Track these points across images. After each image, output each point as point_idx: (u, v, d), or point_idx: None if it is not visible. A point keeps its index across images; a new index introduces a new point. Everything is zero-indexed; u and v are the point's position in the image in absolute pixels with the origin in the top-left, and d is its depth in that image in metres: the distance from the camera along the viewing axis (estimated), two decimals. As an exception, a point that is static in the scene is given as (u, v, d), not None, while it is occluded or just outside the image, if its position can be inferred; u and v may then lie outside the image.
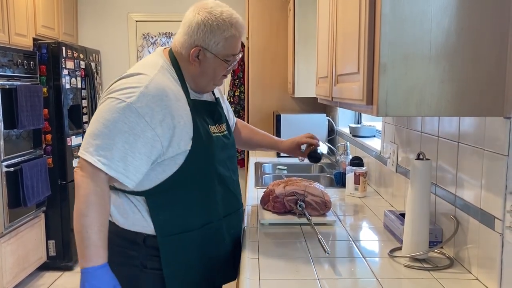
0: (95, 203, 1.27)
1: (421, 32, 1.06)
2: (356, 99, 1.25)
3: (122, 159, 1.27)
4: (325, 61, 1.81)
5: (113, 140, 1.27)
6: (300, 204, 1.74)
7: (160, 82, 1.34)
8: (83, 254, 1.26)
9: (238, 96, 4.50)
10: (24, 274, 3.41)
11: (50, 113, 3.65)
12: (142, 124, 1.28)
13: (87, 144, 1.29)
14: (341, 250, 1.49)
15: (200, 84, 1.47)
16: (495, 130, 1.15)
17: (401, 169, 1.88)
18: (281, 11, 3.87)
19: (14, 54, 3.26)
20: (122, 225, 1.41)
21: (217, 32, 1.38)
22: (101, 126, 1.28)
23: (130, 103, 1.28)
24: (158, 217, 1.39)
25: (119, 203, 1.42)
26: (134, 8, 4.71)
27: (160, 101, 1.31)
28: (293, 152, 1.92)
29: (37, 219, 3.58)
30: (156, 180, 1.37)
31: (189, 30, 1.39)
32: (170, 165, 1.37)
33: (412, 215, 1.35)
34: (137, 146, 1.28)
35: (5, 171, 3.10)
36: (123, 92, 1.31)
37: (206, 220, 1.45)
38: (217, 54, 1.41)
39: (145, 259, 1.41)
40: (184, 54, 1.42)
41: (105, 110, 1.30)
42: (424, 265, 1.34)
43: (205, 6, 1.40)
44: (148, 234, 1.39)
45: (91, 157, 1.26)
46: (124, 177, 1.29)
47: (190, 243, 1.43)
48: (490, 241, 1.18)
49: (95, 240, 1.26)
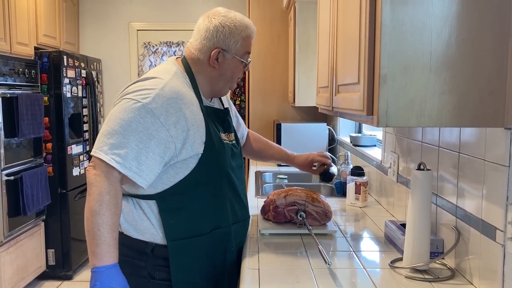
0: (108, 201, 1.28)
1: (421, 43, 1.06)
2: (357, 110, 1.25)
3: (136, 158, 1.29)
4: (326, 71, 1.81)
5: (127, 139, 1.29)
6: (300, 214, 1.73)
7: (175, 86, 1.38)
8: (95, 252, 1.26)
9: (238, 105, 4.51)
10: (23, 283, 3.39)
11: (50, 121, 3.66)
12: (157, 125, 1.31)
13: (101, 143, 1.30)
14: (342, 261, 1.48)
15: (216, 87, 1.52)
16: (496, 141, 1.15)
17: (402, 179, 1.87)
18: (282, 21, 3.89)
19: (15, 63, 3.27)
20: (130, 234, 1.42)
21: (235, 32, 1.46)
22: (115, 125, 1.30)
23: (146, 104, 1.31)
24: (169, 221, 1.40)
25: (128, 211, 1.42)
26: (135, 17, 4.74)
27: (175, 103, 1.34)
28: (305, 168, 1.97)
29: (36, 228, 3.57)
30: (168, 182, 1.39)
31: (207, 34, 1.46)
32: (183, 168, 1.38)
33: (413, 226, 1.35)
34: (150, 146, 1.31)
35: (5, 180, 3.09)
36: (138, 93, 1.34)
37: (215, 225, 1.46)
38: (236, 54, 1.48)
39: (153, 269, 1.41)
40: (203, 58, 1.47)
41: (120, 110, 1.32)
42: (425, 276, 1.33)
43: (218, 12, 1.49)
44: (156, 243, 1.40)
45: (106, 156, 1.28)
46: (138, 176, 1.30)
47: (200, 248, 1.43)
48: (492, 252, 1.17)
49: (107, 239, 1.26)
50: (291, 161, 1.99)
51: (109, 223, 1.27)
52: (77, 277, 3.83)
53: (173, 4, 4.64)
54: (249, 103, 4.01)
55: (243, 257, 1.51)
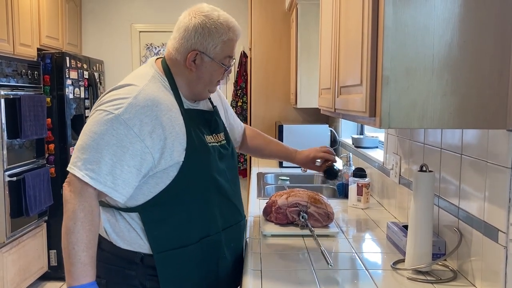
0: (83, 219, 1.23)
1: (423, 45, 1.07)
2: (359, 111, 1.25)
3: (110, 172, 1.24)
4: (328, 72, 1.81)
5: (100, 153, 1.23)
6: (302, 216, 1.73)
7: (150, 92, 1.31)
8: (70, 272, 1.22)
9: (240, 107, 4.52)
10: (25, 284, 3.40)
11: (53, 122, 3.67)
12: (131, 136, 1.25)
13: (75, 159, 1.25)
14: (344, 262, 1.48)
15: (195, 90, 1.43)
16: (498, 143, 1.15)
17: (404, 181, 1.87)
18: (284, 22, 3.90)
19: (18, 64, 3.28)
20: (118, 244, 1.37)
21: (215, 35, 1.36)
22: (88, 139, 1.25)
23: (118, 115, 1.25)
24: (153, 233, 1.34)
25: (114, 222, 1.37)
26: (137, 19, 4.75)
27: (150, 111, 1.27)
28: (307, 165, 1.85)
29: (39, 228, 3.58)
30: (149, 193, 1.33)
31: (185, 34, 1.36)
32: (163, 178, 1.32)
33: (415, 227, 1.35)
34: (125, 159, 1.25)
35: (8, 181, 3.10)
36: (111, 104, 1.28)
37: (203, 233, 1.40)
38: (214, 57, 1.38)
39: (144, 278, 1.36)
40: (180, 59, 1.39)
41: (93, 123, 1.27)
42: (427, 278, 1.33)
43: (201, 10, 1.38)
44: (145, 253, 1.35)
45: (79, 172, 1.23)
46: (113, 191, 1.25)
47: (188, 258, 1.38)
48: (494, 254, 1.17)
49: (82, 258, 1.21)
50: (291, 158, 1.87)
51: (84, 241, 1.22)
52: (79, 278, 3.83)
53: (175, 6, 4.65)
54: (251, 105, 4.02)
55: (245, 259, 1.51)
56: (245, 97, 4.51)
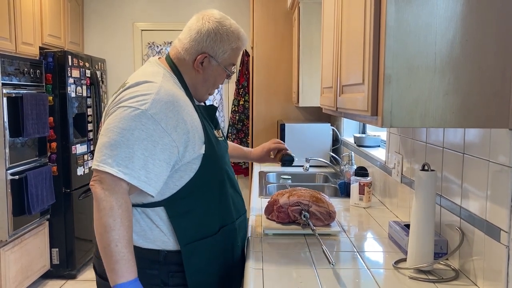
0: (121, 215, 1.25)
1: (425, 44, 1.06)
2: (361, 110, 1.25)
3: (143, 167, 1.27)
4: (330, 71, 1.81)
5: (132, 149, 1.26)
6: (304, 214, 1.73)
7: (168, 88, 1.36)
8: (114, 269, 1.23)
9: (242, 105, 4.52)
10: (27, 283, 3.41)
11: (55, 121, 3.67)
12: (159, 130, 1.28)
13: (104, 156, 1.26)
14: (346, 261, 1.48)
15: (198, 91, 1.49)
16: (500, 142, 1.15)
17: (406, 180, 1.87)
18: (286, 21, 3.89)
19: (20, 63, 3.29)
20: (140, 245, 1.38)
21: (226, 42, 1.44)
22: (117, 136, 1.26)
23: (145, 110, 1.28)
24: (180, 225, 1.38)
25: (134, 221, 1.38)
26: (139, 18, 4.75)
27: (172, 106, 1.32)
28: (264, 159, 2.00)
29: (41, 227, 3.58)
30: (174, 187, 1.37)
31: (197, 36, 1.42)
32: (187, 171, 1.37)
33: (417, 226, 1.34)
34: (156, 153, 1.28)
35: (10, 179, 3.11)
36: (135, 100, 1.30)
37: (222, 223, 1.47)
38: (221, 62, 1.46)
39: (167, 276, 1.38)
40: (189, 60, 1.44)
41: (119, 120, 1.28)
42: (429, 277, 1.33)
43: (213, 15, 1.45)
44: (168, 250, 1.38)
45: (111, 168, 1.24)
46: (147, 185, 1.28)
47: (211, 248, 1.43)
48: (496, 253, 1.17)
49: (126, 254, 1.24)
50: (248, 156, 2.02)
51: (125, 238, 1.24)
52: (81, 276, 3.84)
53: (178, 5, 4.65)
54: (253, 103, 4.01)
55: (247, 257, 1.52)
56: (247, 96, 4.51)
